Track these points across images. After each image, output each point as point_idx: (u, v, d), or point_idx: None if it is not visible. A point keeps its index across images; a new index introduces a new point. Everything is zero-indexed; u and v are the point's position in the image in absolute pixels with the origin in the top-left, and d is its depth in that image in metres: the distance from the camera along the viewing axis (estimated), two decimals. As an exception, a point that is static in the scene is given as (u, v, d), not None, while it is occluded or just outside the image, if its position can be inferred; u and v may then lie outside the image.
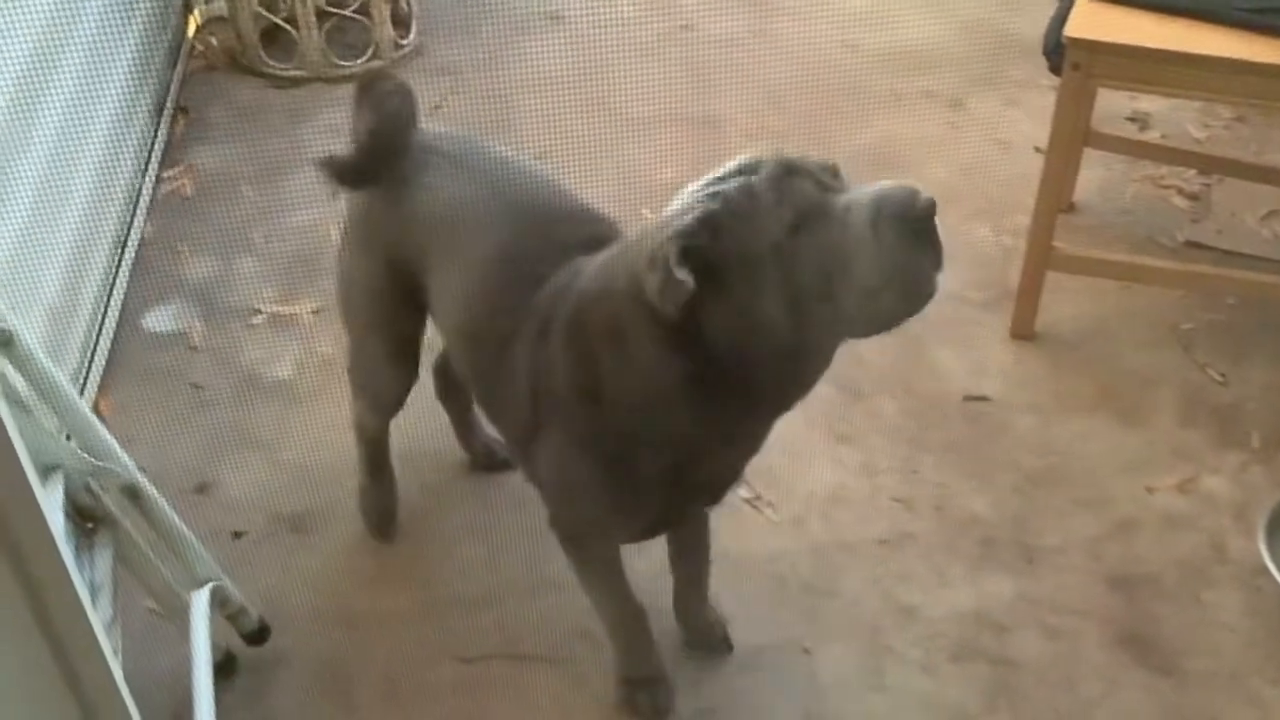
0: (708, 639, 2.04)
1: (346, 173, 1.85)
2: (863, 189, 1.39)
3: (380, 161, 1.84)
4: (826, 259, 1.37)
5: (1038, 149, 3.09)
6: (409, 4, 3.72)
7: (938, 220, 1.36)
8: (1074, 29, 2.29)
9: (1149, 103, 3.36)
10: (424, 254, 1.84)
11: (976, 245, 2.93)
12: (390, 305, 1.94)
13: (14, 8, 2.22)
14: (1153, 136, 3.30)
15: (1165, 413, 2.49)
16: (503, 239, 1.75)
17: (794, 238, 1.37)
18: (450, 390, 2.25)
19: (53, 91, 2.54)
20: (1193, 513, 2.28)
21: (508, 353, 1.67)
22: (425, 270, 1.85)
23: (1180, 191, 3.10)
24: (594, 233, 1.73)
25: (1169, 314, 2.72)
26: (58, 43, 2.60)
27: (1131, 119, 3.36)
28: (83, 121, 2.67)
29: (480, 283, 1.75)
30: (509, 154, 1.92)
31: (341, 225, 2.01)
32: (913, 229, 1.35)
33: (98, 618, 0.96)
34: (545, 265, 1.67)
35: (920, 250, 1.37)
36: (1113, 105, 3.29)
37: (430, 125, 1.94)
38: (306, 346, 2.64)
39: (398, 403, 2.11)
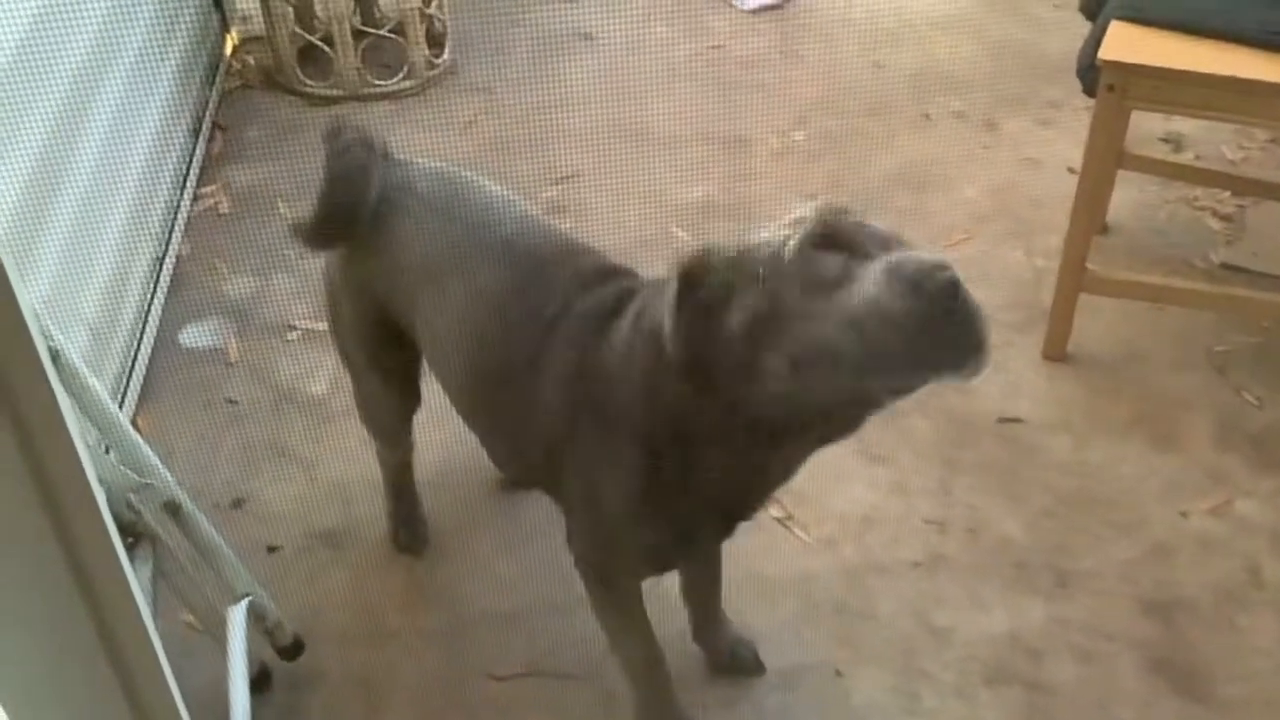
0: (737, 660, 2.03)
1: (310, 237, 1.83)
2: (890, 257, 1.28)
3: (340, 222, 1.80)
4: (832, 325, 1.28)
5: (1071, 169, 3.10)
6: (443, 23, 3.76)
7: (967, 298, 1.24)
8: (1109, 51, 2.29)
9: (1183, 123, 3.36)
10: (409, 299, 1.81)
11: (1009, 266, 2.92)
12: (379, 343, 1.93)
13: (62, 31, 2.27)
14: (1187, 157, 3.28)
15: (1199, 436, 2.47)
16: (499, 280, 1.71)
17: (807, 300, 1.29)
18: None
19: (97, 111, 2.58)
20: (1228, 537, 2.26)
21: (527, 395, 1.64)
22: (412, 314, 1.81)
23: (1215, 213, 3.09)
24: (591, 266, 1.70)
25: (1203, 336, 2.71)
26: (102, 64, 2.64)
27: (1165, 139, 3.35)
28: (125, 140, 2.72)
29: (482, 326, 1.71)
30: (487, 187, 1.87)
31: (324, 264, 1.99)
32: (928, 304, 1.22)
33: (155, 630, 0.98)
34: (555, 301, 1.64)
35: (937, 328, 1.24)
36: (1147, 125, 3.28)
37: (409, 159, 1.89)
38: (340, 363, 2.66)
39: (402, 431, 2.12)
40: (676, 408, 1.46)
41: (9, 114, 2.14)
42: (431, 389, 2.07)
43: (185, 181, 3.15)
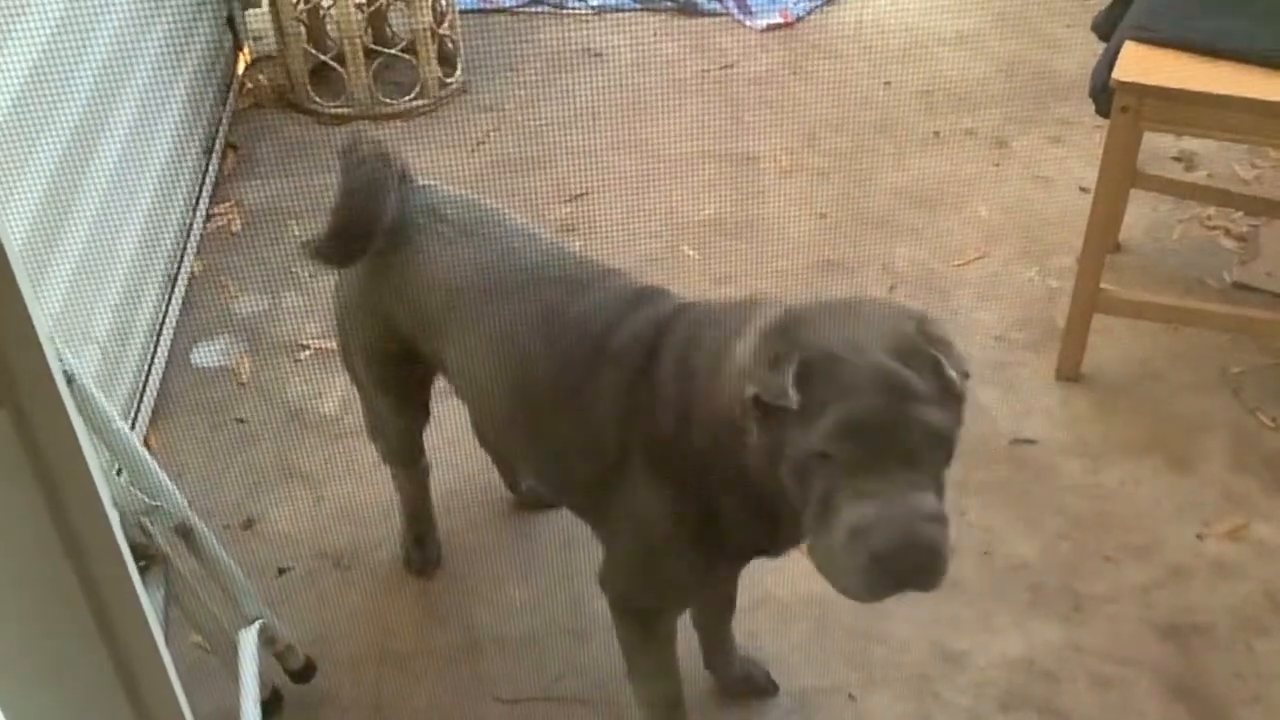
0: (749, 682, 2.02)
1: (325, 254, 1.79)
2: (870, 502, 1.32)
3: (356, 239, 1.76)
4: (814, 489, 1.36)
5: (1083, 188, 3.09)
6: (455, 43, 3.76)
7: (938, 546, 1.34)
8: (1123, 72, 2.28)
9: (1196, 142, 3.34)
10: (436, 325, 1.79)
11: (1022, 286, 2.91)
12: (393, 364, 1.91)
13: (75, 50, 2.27)
14: (1199, 176, 3.27)
15: (1215, 458, 2.45)
16: (541, 306, 1.69)
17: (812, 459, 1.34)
18: None
19: (110, 129, 2.59)
20: (1245, 560, 2.25)
21: (569, 425, 1.63)
22: (438, 341, 1.79)
23: (1228, 232, 3.08)
24: (626, 289, 1.69)
25: (1218, 357, 2.69)
26: (115, 83, 2.65)
27: (1177, 158, 3.34)
28: (138, 159, 2.72)
29: (523, 352, 1.69)
30: (509, 215, 1.86)
31: (334, 284, 1.97)
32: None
33: (169, 656, 0.98)
34: (600, 324, 1.62)
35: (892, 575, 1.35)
36: (1159, 144, 3.27)
37: (431, 184, 1.87)
38: (349, 379, 2.66)
39: (413, 449, 2.10)
40: (725, 445, 1.45)
41: (24, 134, 2.14)
42: (443, 408, 2.07)
43: (197, 200, 3.15)
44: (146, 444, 2.46)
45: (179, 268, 2.92)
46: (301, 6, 3.59)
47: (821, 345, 1.35)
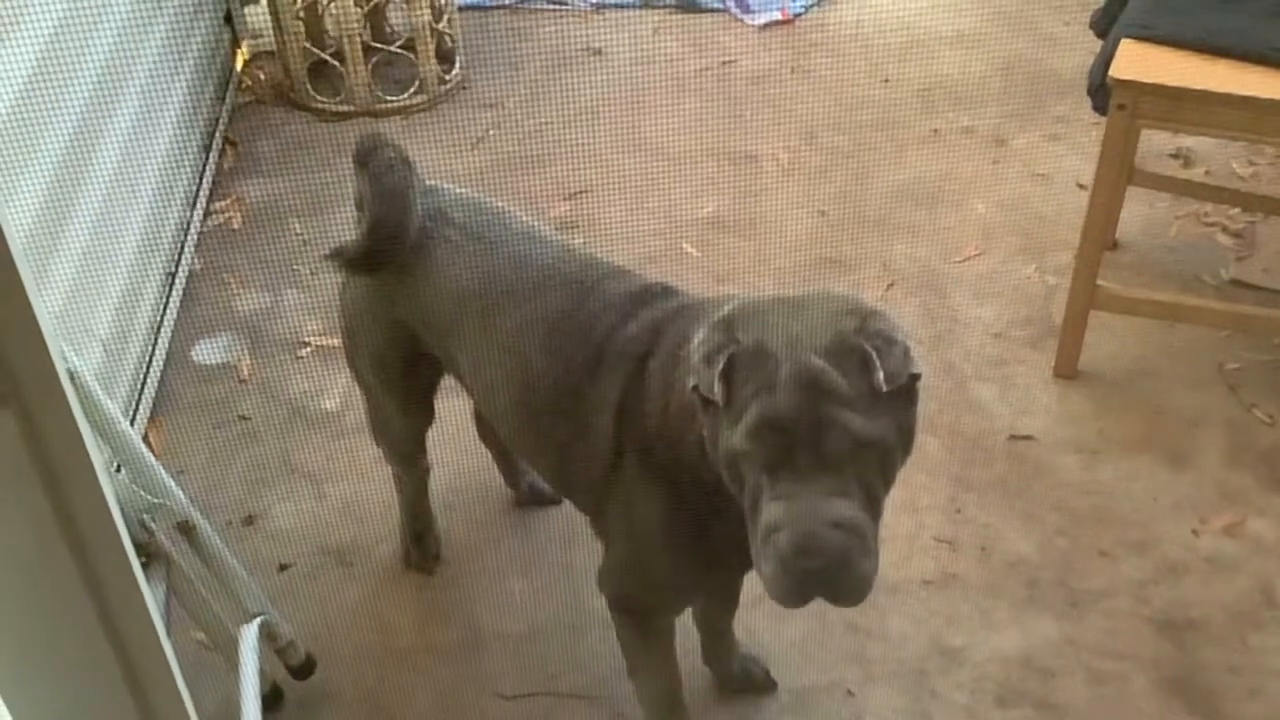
0: (748, 678, 2.03)
1: (358, 262, 1.80)
2: (791, 502, 1.31)
3: (387, 244, 1.76)
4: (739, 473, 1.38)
5: (1080, 185, 3.10)
6: (453, 39, 3.77)
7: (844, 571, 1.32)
8: (1120, 70, 2.29)
9: (1193, 139, 3.35)
10: (447, 326, 1.80)
11: (1020, 283, 2.92)
12: (401, 366, 1.92)
13: (76, 49, 2.28)
14: (1196, 173, 3.28)
15: (1212, 454, 2.47)
16: (550, 306, 1.70)
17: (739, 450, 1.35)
18: (491, 431, 2.25)
19: (110, 127, 2.59)
20: (1240, 556, 2.26)
21: (573, 425, 1.64)
22: (449, 342, 1.80)
23: (1225, 229, 3.08)
24: (630, 288, 1.70)
25: (1214, 353, 2.70)
26: (115, 81, 2.65)
27: (1175, 155, 3.35)
28: (138, 157, 2.73)
29: (534, 350, 1.70)
30: (517, 215, 1.86)
31: (339, 286, 1.97)
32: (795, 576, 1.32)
33: (172, 652, 0.98)
34: (605, 322, 1.63)
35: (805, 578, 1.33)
36: (1155, 141, 3.28)
37: (438, 185, 1.88)
38: (352, 379, 2.66)
39: (417, 450, 2.11)
40: (692, 441, 1.46)
41: (26, 132, 2.15)
42: (444, 406, 2.08)
43: (197, 197, 3.16)
44: (147, 441, 2.46)
45: (179, 264, 2.92)
46: (300, 3, 3.59)
47: (755, 341, 1.34)
